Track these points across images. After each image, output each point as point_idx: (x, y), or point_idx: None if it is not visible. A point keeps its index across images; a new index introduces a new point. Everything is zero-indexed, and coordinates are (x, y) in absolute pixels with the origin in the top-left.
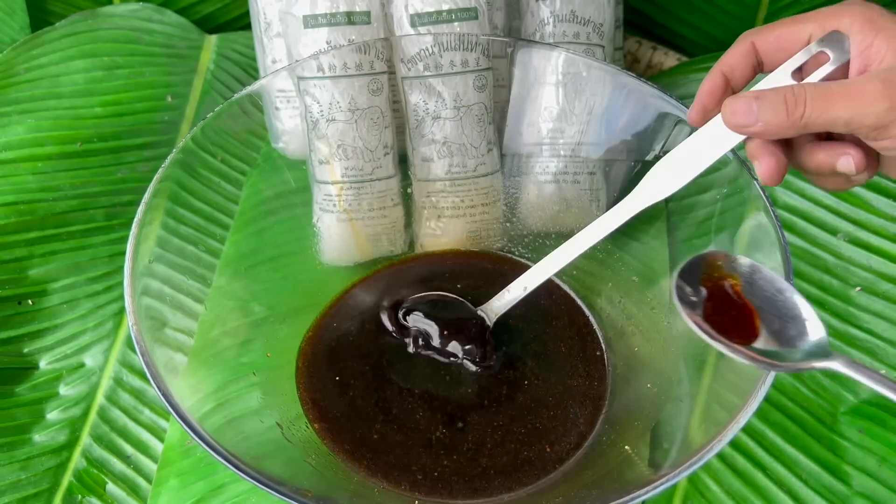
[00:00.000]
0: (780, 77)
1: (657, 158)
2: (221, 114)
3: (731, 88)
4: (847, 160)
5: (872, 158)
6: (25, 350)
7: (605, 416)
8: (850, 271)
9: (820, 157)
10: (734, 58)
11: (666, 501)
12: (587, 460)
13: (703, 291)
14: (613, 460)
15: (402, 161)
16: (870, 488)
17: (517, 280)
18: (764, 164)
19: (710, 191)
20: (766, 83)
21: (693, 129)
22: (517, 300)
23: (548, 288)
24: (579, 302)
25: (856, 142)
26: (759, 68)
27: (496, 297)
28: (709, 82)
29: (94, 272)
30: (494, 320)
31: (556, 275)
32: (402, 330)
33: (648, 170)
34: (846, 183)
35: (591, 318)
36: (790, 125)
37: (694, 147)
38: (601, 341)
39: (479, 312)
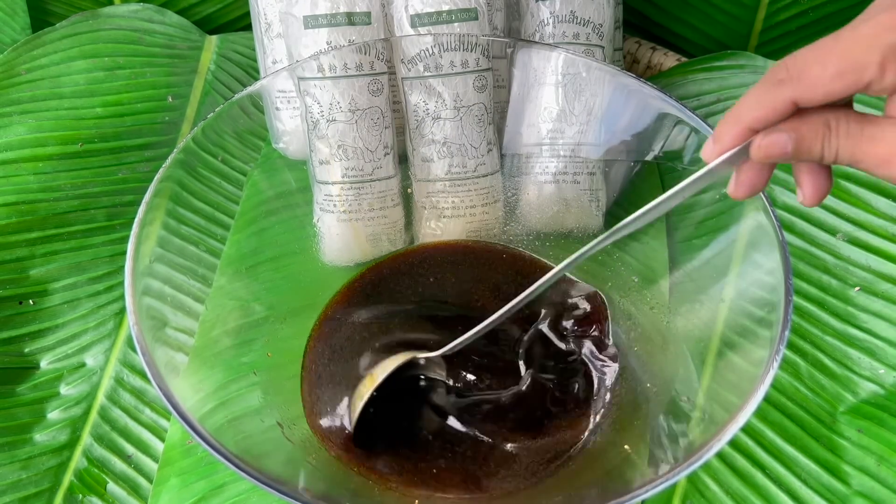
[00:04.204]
0: None
1: (657, 159)
2: (222, 114)
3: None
4: (799, 193)
5: (821, 192)
6: (26, 350)
7: (606, 415)
8: (849, 271)
9: (795, 176)
10: (767, 114)
11: (665, 501)
12: (587, 460)
13: None
14: (613, 460)
15: (402, 161)
16: (869, 487)
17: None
18: (740, 192)
19: (710, 191)
20: None
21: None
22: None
23: (556, 284)
24: (602, 296)
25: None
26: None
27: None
28: (733, 134)
29: (95, 272)
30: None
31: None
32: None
33: (648, 170)
34: None
35: (608, 312)
36: (820, 162)
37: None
38: (609, 339)
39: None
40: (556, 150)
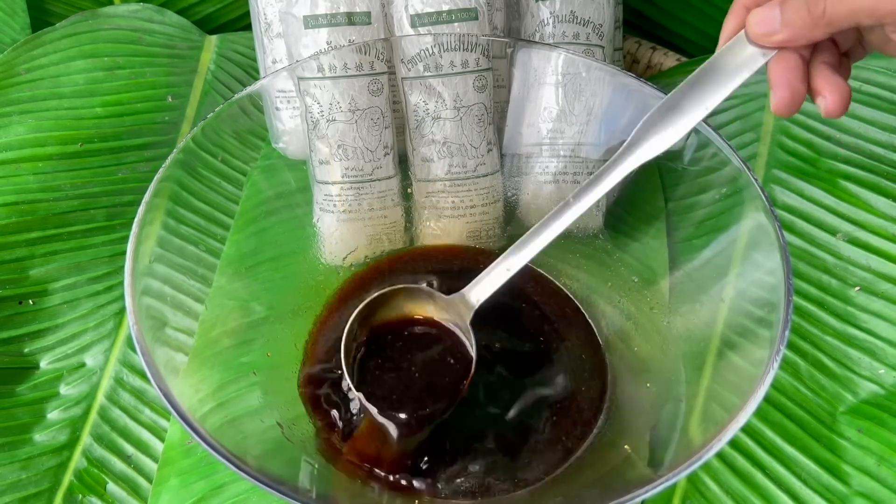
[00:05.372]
0: None
1: (657, 159)
2: (222, 114)
3: None
4: (821, 101)
5: (846, 100)
6: (26, 350)
7: (605, 415)
8: (849, 271)
9: (811, 86)
10: None
11: (665, 501)
12: (587, 460)
13: None
14: (613, 460)
15: (402, 161)
16: (869, 488)
17: (498, 260)
18: (779, 95)
19: (710, 191)
20: None
21: None
22: (500, 285)
23: (546, 289)
24: (577, 303)
25: (835, 81)
26: None
27: (475, 282)
28: (733, 22)
29: (95, 272)
30: (477, 306)
31: (554, 276)
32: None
33: (648, 170)
34: None
35: (590, 320)
36: (814, 24)
37: (705, 83)
38: (600, 342)
39: (453, 329)
40: (556, 150)
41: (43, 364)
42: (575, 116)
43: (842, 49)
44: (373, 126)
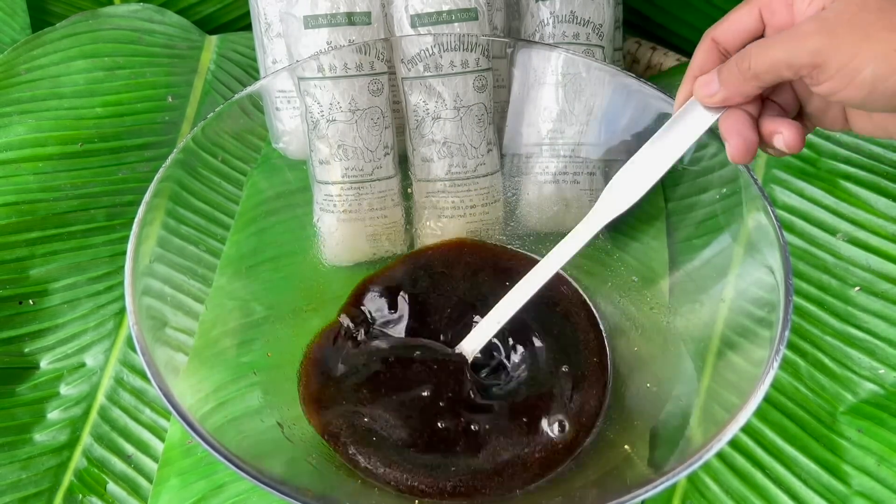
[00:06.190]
0: None
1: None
2: (222, 114)
3: None
4: (779, 139)
5: (801, 133)
6: (26, 350)
7: (605, 415)
8: (849, 271)
9: (764, 132)
10: (701, 59)
11: (665, 501)
12: (587, 460)
13: None
14: (613, 460)
15: (403, 161)
16: (869, 487)
17: (489, 315)
18: (732, 143)
19: (710, 191)
20: None
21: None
22: (492, 335)
23: (554, 285)
24: (585, 298)
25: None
26: (726, 57)
27: (469, 336)
28: (685, 91)
29: (95, 272)
30: (472, 357)
31: (563, 269)
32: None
33: None
34: (779, 153)
35: (597, 316)
36: (743, 79)
37: (662, 143)
38: (604, 340)
39: (454, 352)
40: (556, 150)
41: (43, 364)
42: (575, 116)
43: (788, 116)
44: (373, 126)
